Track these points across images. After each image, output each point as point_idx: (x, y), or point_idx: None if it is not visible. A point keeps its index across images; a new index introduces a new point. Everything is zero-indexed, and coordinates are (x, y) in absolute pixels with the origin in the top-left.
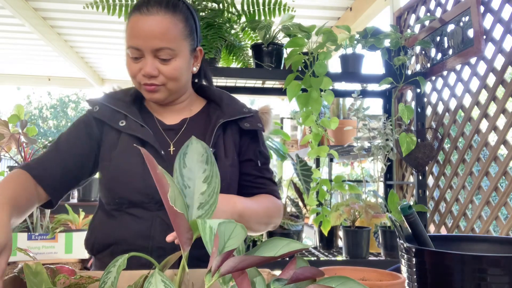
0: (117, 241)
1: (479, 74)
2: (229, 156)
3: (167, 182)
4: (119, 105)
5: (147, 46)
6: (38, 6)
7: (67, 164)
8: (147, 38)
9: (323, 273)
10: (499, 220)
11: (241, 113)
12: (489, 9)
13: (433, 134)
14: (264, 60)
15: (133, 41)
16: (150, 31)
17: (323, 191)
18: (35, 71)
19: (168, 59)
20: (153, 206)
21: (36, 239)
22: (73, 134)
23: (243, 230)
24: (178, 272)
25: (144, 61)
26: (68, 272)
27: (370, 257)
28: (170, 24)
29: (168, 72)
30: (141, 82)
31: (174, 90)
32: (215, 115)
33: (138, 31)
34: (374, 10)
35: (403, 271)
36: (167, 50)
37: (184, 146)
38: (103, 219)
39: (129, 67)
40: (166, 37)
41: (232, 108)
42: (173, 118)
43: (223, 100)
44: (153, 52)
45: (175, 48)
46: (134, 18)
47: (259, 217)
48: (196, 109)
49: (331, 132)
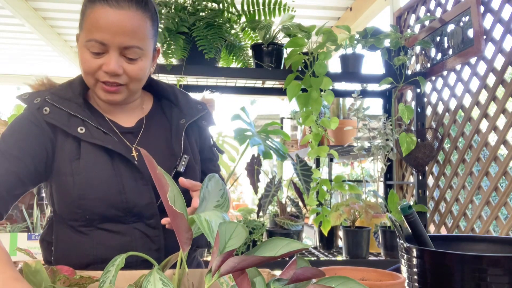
0: (95, 261)
1: (479, 74)
2: (197, 159)
3: (166, 182)
4: (73, 108)
5: (115, 42)
6: (38, 6)
7: (19, 173)
8: (117, 33)
9: (324, 273)
10: (499, 220)
11: (199, 111)
12: (489, 9)
13: (433, 134)
14: (264, 60)
15: (98, 35)
16: (120, 26)
17: (323, 191)
18: (35, 71)
19: (135, 59)
20: (130, 219)
21: (36, 239)
22: (22, 137)
23: (244, 230)
24: (176, 271)
25: (107, 57)
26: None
27: (370, 257)
28: (141, 21)
29: (133, 72)
30: (99, 80)
31: (134, 91)
32: (173, 114)
33: (106, 25)
34: (374, 10)
35: (403, 271)
36: (136, 49)
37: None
38: (70, 237)
39: (86, 62)
40: (136, 35)
41: (190, 107)
42: (127, 120)
43: (178, 98)
44: (120, 49)
45: (143, 48)
46: (100, 9)
47: None
48: (147, 107)
49: (331, 132)
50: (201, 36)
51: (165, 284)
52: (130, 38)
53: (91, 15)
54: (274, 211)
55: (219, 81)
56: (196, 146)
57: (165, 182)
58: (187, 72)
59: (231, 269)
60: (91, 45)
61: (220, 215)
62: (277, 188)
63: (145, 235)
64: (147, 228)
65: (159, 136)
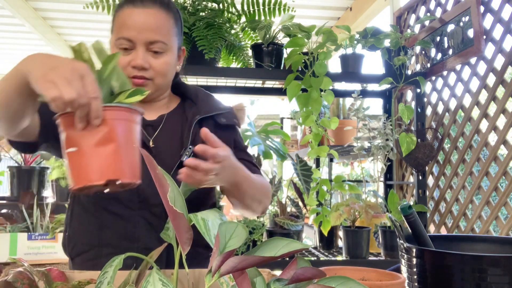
0: (101, 243)
1: (479, 74)
2: None
3: (166, 182)
4: None
5: (141, 38)
6: (38, 6)
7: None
8: (142, 30)
9: (324, 274)
10: (499, 220)
11: (217, 109)
12: (489, 9)
13: (433, 134)
14: (264, 60)
15: (126, 32)
16: (145, 23)
17: (323, 191)
18: None
19: (160, 53)
20: (136, 204)
21: (36, 239)
22: None
23: (244, 230)
24: (175, 271)
25: (135, 53)
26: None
27: (370, 257)
28: (164, 19)
29: (158, 66)
30: (129, 75)
31: (160, 86)
32: (191, 112)
33: (132, 23)
34: (374, 10)
35: (403, 271)
36: (160, 43)
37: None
38: (82, 218)
39: None
40: (160, 31)
41: (208, 104)
42: (151, 114)
43: (198, 97)
44: (146, 45)
45: (167, 43)
46: (126, 10)
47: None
48: (172, 106)
49: (331, 132)
50: (201, 36)
51: (165, 284)
52: (155, 33)
53: (119, 17)
54: (274, 211)
55: (219, 81)
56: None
57: (165, 182)
58: (187, 72)
59: (231, 269)
60: (120, 43)
61: (217, 214)
62: (277, 188)
63: (149, 223)
64: (151, 217)
65: (175, 131)
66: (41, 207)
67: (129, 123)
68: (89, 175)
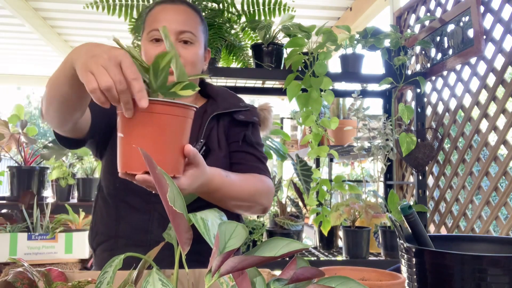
0: (118, 234)
1: (479, 74)
2: (222, 147)
3: (166, 182)
4: None
5: (171, 28)
6: (38, 6)
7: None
8: (172, 21)
9: (324, 274)
10: (499, 220)
11: (236, 106)
12: (489, 9)
13: (433, 134)
14: (264, 60)
15: (157, 24)
16: (175, 16)
17: (323, 191)
18: (35, 71)
19: (189, 43)
20: (153, 197)
21: (36, 239)
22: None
23: (244, 230)
24: (175, 271)
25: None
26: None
27: (370, 257)
28: (192, 14)
29: (187, 55)
30: None
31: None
32: (211, 109)
33: (163, 16)
34: (374, 10)
35: (403, 271)
36: (189, 33)
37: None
38: (102, 210)
39: (147, 51)
40: (189, 23)
41: (227, 101)
42: None
43: (219, 95)
44: (176, 35)
45: (196, 34)
46: (157, 8)
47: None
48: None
49: (331, 132)
50: None
51: (165, 284)
52: (184, 24)
53: (151, 15)
54: (274, 211)
55: (219, 81)
56: (224, 135)
57: (165, 182)
58: None
59: (231, 269)
60: (151, 35)
61: (217, 214)
62: (277, 188)
63: (162, 217)
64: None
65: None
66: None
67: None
68: (131, 163)
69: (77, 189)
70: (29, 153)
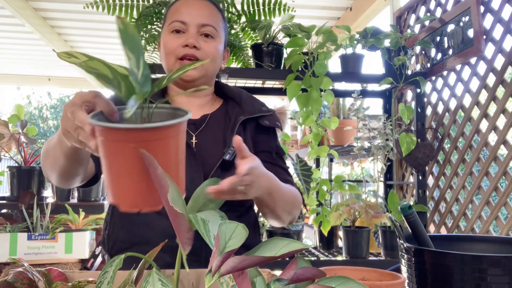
0: (140, 241)
1: (479, 74)
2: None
3: (167, 182)
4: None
5: (194, 20)
6: (38, 6)
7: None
8: (195, 14)
9: (324, 274)
10: (499, 220)
11: (261, 111)
12: (489, 9)
13: (433, 134)
14: (264, 60)
15: (180, 16)
16: (198, 10)
17: (323, 191)
18: (35, 71)
19: (211, 37)
20: None
21: (36, 239)
22: None
23: (244, 230)
24: (176, 271)
25: (186, 35)
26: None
27: (370, 257)
28: (214, 10)
29: (209, 49)
30: (179, 55)
31: (208, 71)
32: (234, 113)
33: (186, 9)
34: (374, 10)
35: (403, 271)
36: (211, 27)
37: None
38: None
39: (168, 42)
40: (211, 18)
41: (252, 106)
42: (194, 113)
43: (242, 98)
44: (198, 27)
45: (217, 29)
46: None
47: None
48: (216, 107)
49: (331, 132)
50: None
51: (164, 284)
52: (207, 18)
53: (173, 7)
54: None
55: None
56: (251, 141)
57: (165, 183)
58: None
59: (231, 269)
60: (173, 26)
61: (217, 215)
62: None
63: None
64: None
65: (218, 131)
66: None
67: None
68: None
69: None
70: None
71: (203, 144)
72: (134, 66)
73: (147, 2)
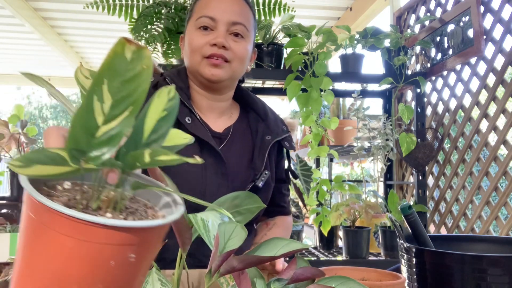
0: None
1: (479, 74)
2: (273, 177)
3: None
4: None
5: (224, 17)
6: (38, 6)
7: None
8: (226, 11)
9: (324, 273)
10: (499, 220)
11: (284, 131)
12: (489, 9)
13: (433, 134)
14: (264, 60)
15: (209, 11)
16: (229, 6)
17: (323, 191)
18: (35, 71)
19: (241, 37)
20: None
21: None
22: None
23: (244, 230)
24: (176, 271)
25: (216, 33)
26: None
27: (370, 257)
28: (246, 9)
29: (238, 49)
30: (206, 54)
31: (235, 73)
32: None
33: (216, 3)
34: (374, 10)
35: (403, 271)
36: (242, 26)
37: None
38: None
39: (195, 39)
40: (242, 15)
41: (276, 125)
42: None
43: (268, 114)
44: (228, 25)
45: (248, 28)
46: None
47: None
48: (235, 116)
49: (331, 132)
50: None
51: (164, 284)
52: (238, 15)
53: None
54: None
55: None
56: (274, 164)
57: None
58: None
59: (231, 269)
60: (201, 22)
61: (218, 215)
62: None
63: None
64: None
65: (243, 147)
66: None
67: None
68: None
69: None
70: None
71: (230, 159)
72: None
73: (147, 2)
